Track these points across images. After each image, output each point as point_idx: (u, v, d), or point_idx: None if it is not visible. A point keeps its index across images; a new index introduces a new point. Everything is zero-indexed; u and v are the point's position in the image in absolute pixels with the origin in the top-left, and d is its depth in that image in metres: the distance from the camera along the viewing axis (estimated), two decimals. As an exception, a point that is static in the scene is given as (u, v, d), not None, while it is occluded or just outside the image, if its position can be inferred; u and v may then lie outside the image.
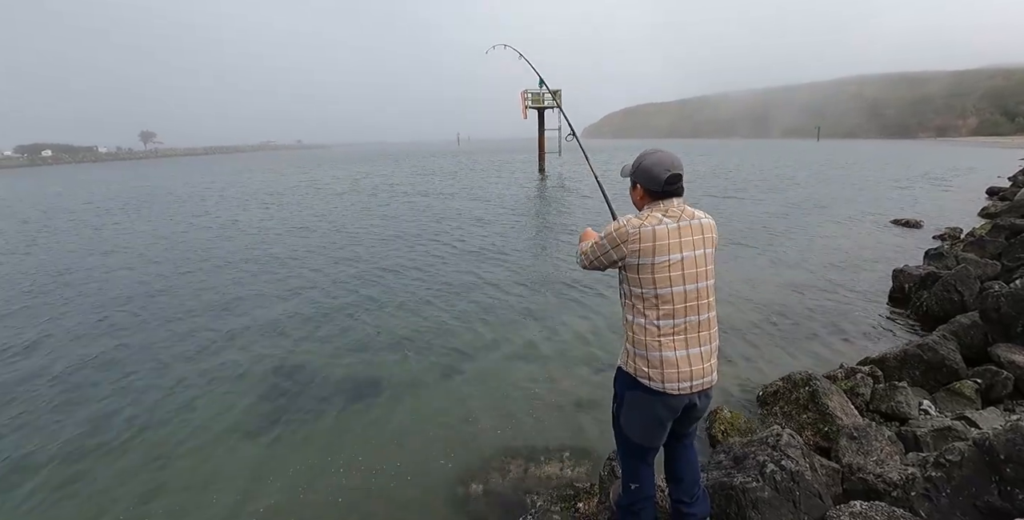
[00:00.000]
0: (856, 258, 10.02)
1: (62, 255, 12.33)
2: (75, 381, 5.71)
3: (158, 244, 13.29)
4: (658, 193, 2.19)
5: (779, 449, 2.90)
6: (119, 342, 6.69)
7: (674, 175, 2.16)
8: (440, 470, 3.98)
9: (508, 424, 4.55)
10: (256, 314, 7.67)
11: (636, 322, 2.20)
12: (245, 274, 9.93)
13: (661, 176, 2.15)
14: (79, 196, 28.53)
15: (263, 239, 13.49)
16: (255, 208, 19.99)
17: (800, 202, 18.27)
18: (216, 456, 4.31)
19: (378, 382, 5.42)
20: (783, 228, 13.46)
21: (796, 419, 4.09)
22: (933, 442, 3.56)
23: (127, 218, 18.50)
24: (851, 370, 4.74)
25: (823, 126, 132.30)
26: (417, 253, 11.34)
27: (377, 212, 17.93)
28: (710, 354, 2.21)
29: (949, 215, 14.86)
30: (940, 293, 6.48)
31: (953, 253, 8.52)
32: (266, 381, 5.55)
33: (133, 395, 5.34)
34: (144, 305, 8.17)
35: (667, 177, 2.15)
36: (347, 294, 8.47)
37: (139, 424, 4.79)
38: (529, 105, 33.66)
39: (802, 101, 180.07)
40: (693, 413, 2.30)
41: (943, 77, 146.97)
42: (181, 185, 33.51)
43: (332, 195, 24.22)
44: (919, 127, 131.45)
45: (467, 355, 6.00)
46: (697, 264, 2.15)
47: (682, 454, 2.49)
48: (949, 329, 5.39)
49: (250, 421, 4.81)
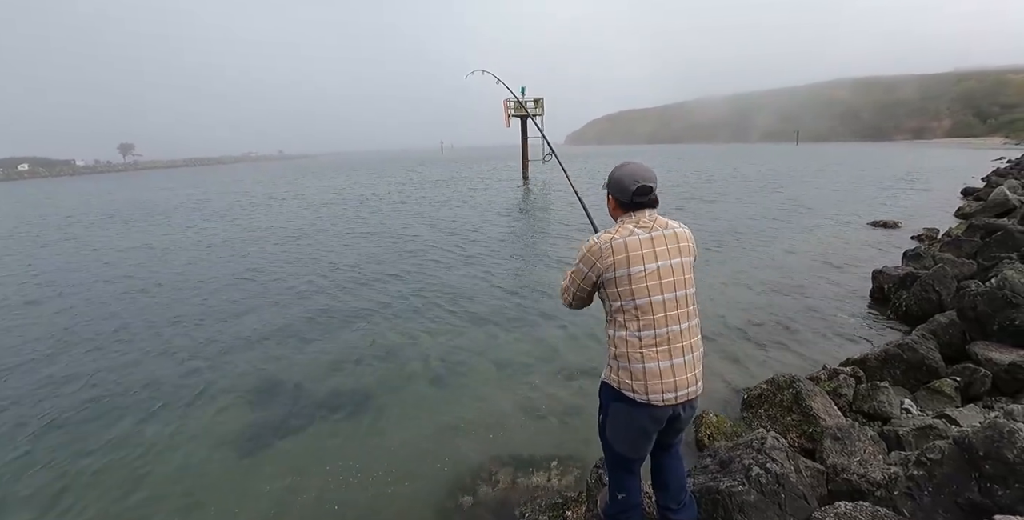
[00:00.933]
0: (836, 260, 10.15)
1: (56, 264, 12.11)
2: (57, 390, 5.64)
3: (147, 255, 13.11)
4: (628, 204, 2.21)
5: (764, 452, 2.92)
6: (100, 354, 6.57)
7: (643, 187, 2.17)
8: (428, 482, 3.95)
9: (495, 434, 4.53)
10: (245, 324, 7.60)
11: (618, 335, 2.20)
12: (235, 284, 9.83)
13: (630, 187, 2.18)
14: (64, 207, 28.08)
15: (244, 250, 13.35)
16: (243, 218, 19.80)
17: (779, 205, 18.51)
18: (200, 470, 4.25)
19: (364, 394, 5.38)
20: (763, 231, 13.63)
21: (781, 421, 4.12)
22: (915, 441, 3.60)
23: (114, 231, 18.24)
24: (834, 371, 4.79)
25: (801, 130, 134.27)
26: (401, 263, 11.30)
27: (362, 222, 17.85)
28: (694, 364, 2.21)
29: (926, 216, 15.13)
30: (919, 293, 6.58)
31: (931, 253, 8.68)
32: (252, 392, 5.49)
33: (116, 408, 5.26)
34: (131, 316, 8.05)
35: (636, 188, 2.17)
36: (333, 305, 8.41)
37: (122, 440, 4.71)
38: (512, 114, 33.76)
39: (780, 106, 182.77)
40: (677, 424, 2.31)
41: (916, 80, 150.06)
42: (171, 197, 33.16)
43: (320, 205, 24.08)
44: (895, 130, 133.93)
45: (453, 365, 5.97)
46: (674, 273, 2.16)
47: (668, 462, 2.49)
48: (928, 328, 5.48)
49: (235, 434, 4.75)
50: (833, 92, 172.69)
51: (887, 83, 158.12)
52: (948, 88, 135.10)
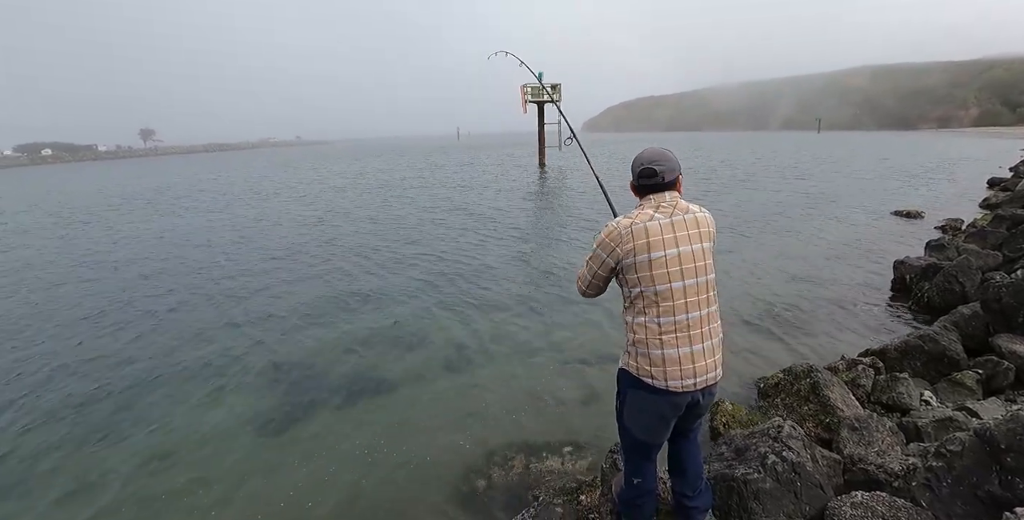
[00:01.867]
0: (857, 249, 10.01)
1: (64, 248, 12.35)
2: (75, 371, 5.79)
3: (178, 235, 13.31)
4: (643, 187, 2.21)
5: (780, 440, 2.91)
6: (124, 334, 6.71)
7: (646, 169, 2.17)
8: (443, 466, 3.99)
9: (510, 419, 4.57)
10: (264, 305, 7.75)
11: (636, 321, 2.18)
12: (262, 266, 10.00)
13: (635, 170, 2.20)
14: (102, 189, 28.53)
15: (269, 232, 13.49)
16: (271, 201, 19.98)
17: (801, 193, 18.23)
18: (223, 449, 4.35)
19: (381, 377, 5.44)
20: (784, 219, 13.45)
21: (797, 411, 4.09)
22: (934, 432, 3.57)
23: (148, 212, 18.51)
24: (852, 361, 4.75)
25: (822, 118, 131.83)
26: (422, 246, 11.40)
27: (386, 206, 17.92)
28: (713, 350, 2.19)
29: (950, 206, 14.83)
30: (941, 284, 6.47)
31: (954, 244, 8.52)
32: (270, 374, 5.59)
33: (133, 389, 5.38)
34: (165, 293, 8.20)
35: (639, 170, 2.18)
36: (357, 287, 8.53)
37: (142, 420, 4.82)
38: (529, 100, 33.53)
39: (801, 93, 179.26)
40: (696, 410, 2.30)
41: (943, 68, 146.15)
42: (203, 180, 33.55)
43: (350, 189, 24.19)
44: (919, 118, 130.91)
45: (469, 350, 6.01)
46: (695, 259, 2.14)
47: (685, 448, 2.49)
48: (950, 320, 5.39)
49: (253, 415, 4.85)
50: (855, 79, 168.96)
51: (911, 70, 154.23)
52: (975, 76, 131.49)
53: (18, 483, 4.07)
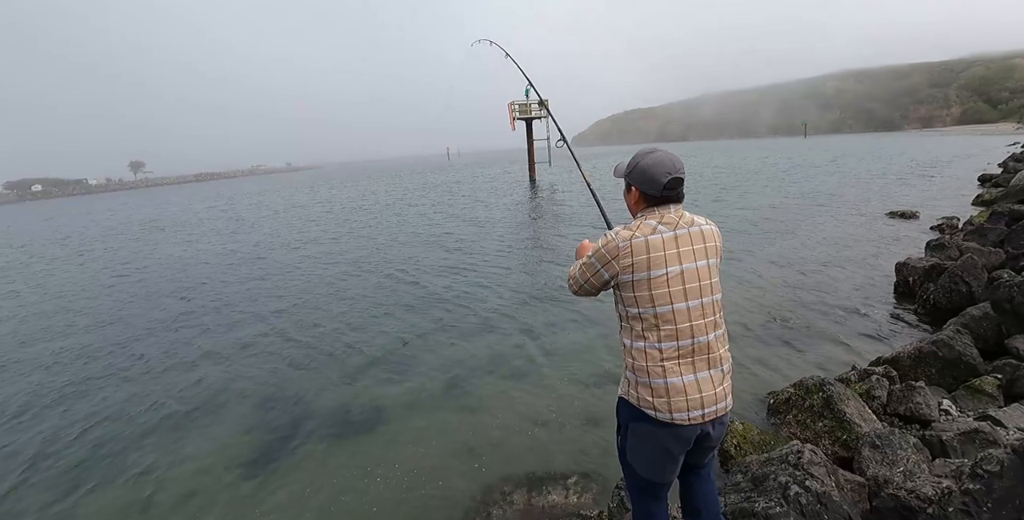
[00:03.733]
0: (855, 253, 9.84)
1: (71, 276, 12.07)
2: (52, 399, 5.66)
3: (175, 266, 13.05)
4: (656, 198, 1.95)
5: (801, 467, 2.68)
6: (107, 366, 6.44)
7: (675, 179, 1.92)
8: (439, 502, 3.74)
9: (510, 449, 4.31)
10: (250, 335, 7.50)
11: (635, 346, 1.95)
12: (245, 289, 9.70)
13: (660, 179, 1.91)
14: (81, 223, 28.25)
15: (250, 258, 13.25)
16: (249, 230, 19.76)
17: (792, 198, 18.15)
18: (211, 479, 4.18)
19: (372, 407, 5.19)
20: (778, 225, 13.30)
21: (811, 428, 3.87)
22: (960, 446, 3.35)
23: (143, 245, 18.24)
24: (864, 371, 4.53)
25: (808, 123, 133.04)
26: (418, 267, 11.22)
27: (370, 226, 17.72)
28: (722, 377, 1.96)
29: (943, 205, 14.74)
30: (947, 285, 6.28)
31: (954, 243, 8.35)
32: (267, 399, 5.44)
33: (116, 421, 5.18)
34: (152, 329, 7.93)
35: (667, 181, 1.91)
36: (353, 309, 8.32)
37: (123, 456, 4.55)
38: (517, 116, 33.61)
39: (785, 100, 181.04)
40: (707, 443, 2.05)
41: (923, 69, 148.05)
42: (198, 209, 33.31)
43: (349, 211, 24.01)
44: (904, 119, 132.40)
45: (464, 375, 5.76)
46: (700, 277, 1.92)
47: (699, 486, 2.24)
48: (961, 322, 5.19)
49: (246, 443, 4.67)
50: (837, 83, 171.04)
51: (892, 72, 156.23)
52: (955, 75, 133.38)
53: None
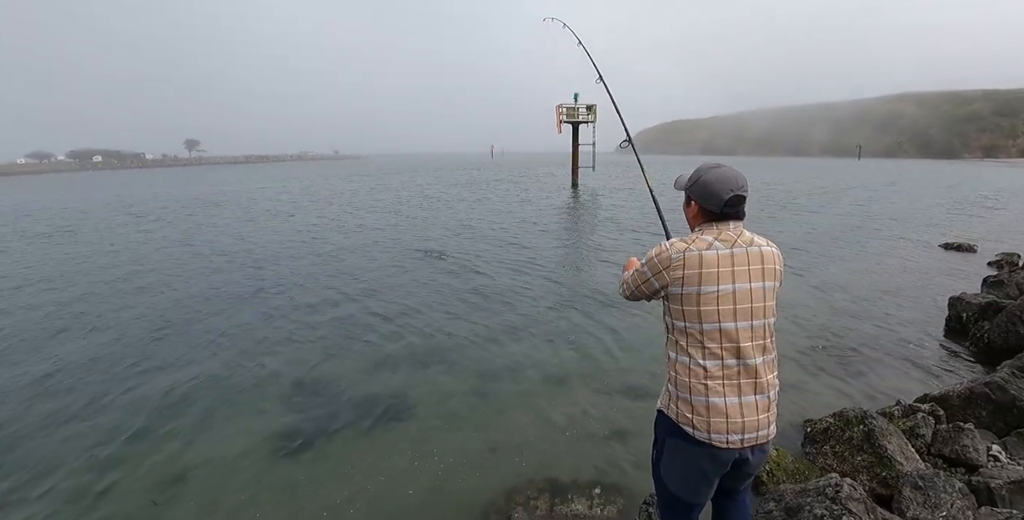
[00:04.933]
0: (905, 284, 9.49)
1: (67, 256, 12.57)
2: (83, 380, 5.76)
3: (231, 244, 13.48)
4: (715, 214, 1.93)
5: (839, 502, 2.61)
6: (143, 344, 6.67)
7: (737, 196, 1.90)
8: (461, 501, 3.75)
9: (536, 454, 4.29)
10: (289, 319, 7.67)
11: (679, 360, 1.93)
12: (286, 277, 9.95)
13: (723, 196, 1.90)
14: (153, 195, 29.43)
15: (287, 245, 13.56)
16: (302, 213, 20.24)
17: (844, 222, 17.60)
18: (236, 467, 4.21)
19: (400, 404, 5.21)
20: (827, 249, 12.91)
21: (849, 461, 3.75)
22: (1009, 496, 3.21)
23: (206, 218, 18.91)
24: (909, 407, 4.36)
25: (863, 145, 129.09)
26: (455, 260, 11.36)
27: (420, 217, 17.94)
28: (768, 404, 1.90)
29: (1004, 239, 14.10)
30: (1004, 325, 6.01)
31: (1014, 281, 7.99)
32: (288, 394, 5.43)
33: (148, 403, 5.27)
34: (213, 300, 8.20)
35: (729, 198, 1.89)
36: (376, 304, 8.38)
37: (155, 435, 4.70)
38: (564, 119, 33.55)
39: (838, 119, 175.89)
40: (745, 468, 2.00)
41: (988, 96, 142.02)
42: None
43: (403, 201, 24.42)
44: (964, 147, 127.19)
45: (495, 376, 5.76)
46: (753, 298, 1.87)
47: (734, 512, 2.19)
48: (1017, 365, 4.95)
49: (273, 431, 4.70)
50: (896, 106, 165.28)
51: (958, 97, 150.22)
52: (1022, 104, 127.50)
53: (25, 485, 3.99)
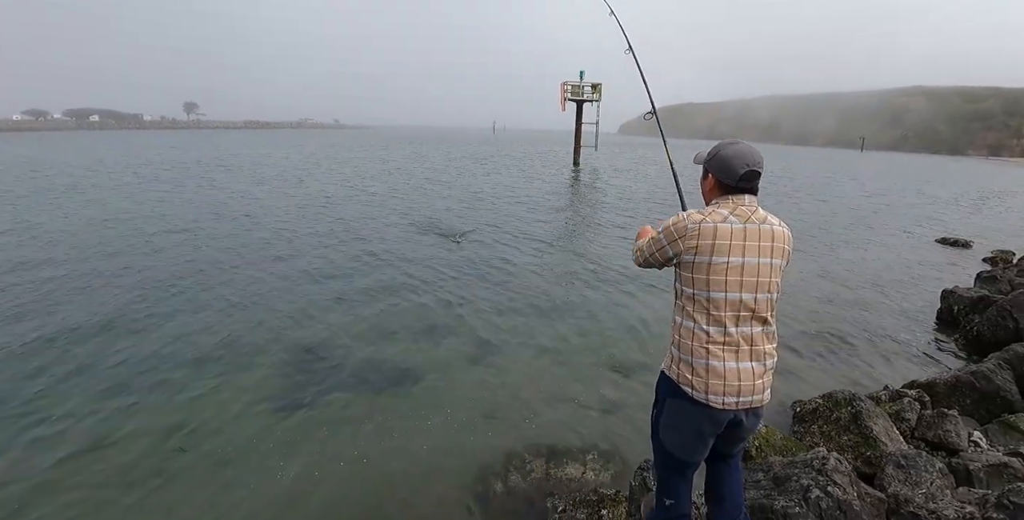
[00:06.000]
0: (900, 276, 9.63)
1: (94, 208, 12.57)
2: (91, 342, 5.77)
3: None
4: (731, 187, 2.02)
5: (825, 474, 2.72)
6: (145, 304, 6.74)
7: (752, 172, 1.98)
8: (460, 462, 3.88)
9: (533, 421, 4.42)
10: (290, 288, 7.72)
11: (684, 325, 2.03)
12: (287, 244, 10.00)
13: (738, 170, 1.98)
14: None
15: (308, 209, 13.57)
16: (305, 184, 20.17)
17: (842, 214, 17.67)
18: (235, 431, 4.27)
19: (401, 369, 5.32)
20: (824, 239, 13.02)
21: (836, 440, 3.88)
22: (987, 478, 3.34)
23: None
24: (897, 393, 4.50)
25: (867, 137, 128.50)
26: (452, 236, 11.39)
27: (426, 188, 17.92)
28: (764, 371, 2.01)
29: (1000, 237, 14.25)
30: (994, 318, 6.14)
31: (1007, 277, 8.12)
32: (291, 358, 5.51)
33: (151, 363, 5.33)
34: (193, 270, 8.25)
35: (745, 172, 1.98)
36: (381, 274, 8.46)
37: (157, 392, 4.79)
38: (568, 97, 33.24)
39: (845, 110, 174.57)
40: (739, 431, 2.12)
41: (998, 93, 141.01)
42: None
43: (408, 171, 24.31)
44: (969, 144, 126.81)
45: (495, 346, 5.88)
46: (760, 273, 1.97)
47: (726, 474, 2.31)
48: (1004, 357, 5.09)
49: (271, 399, 4.76)
50: (905, 100, 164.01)
51: (967, 93, 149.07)
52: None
53: (31, 439, 4.08)
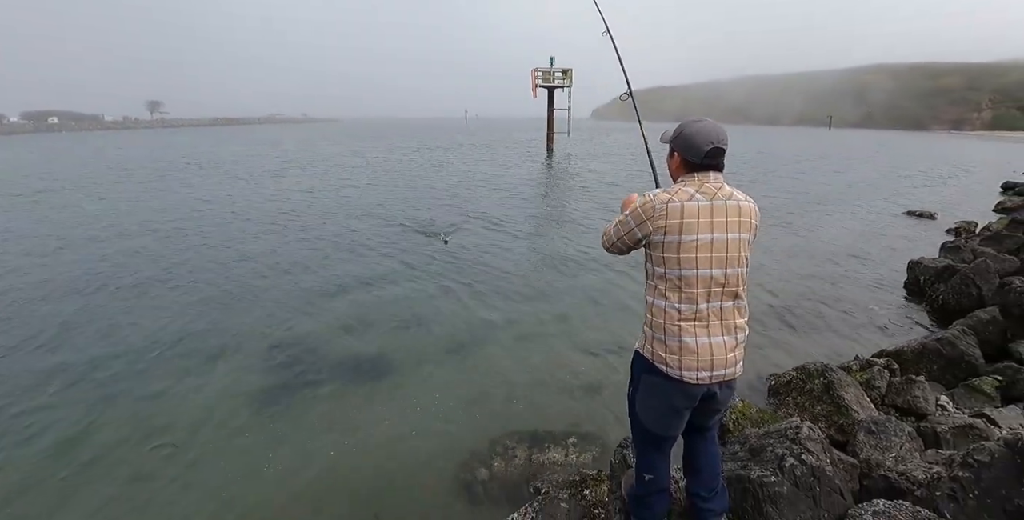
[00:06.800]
0: (870, 248, 9.85)
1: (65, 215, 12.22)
2: (67, 343, 5.67)
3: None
4: (696, 165, 2.03)
5: (799, 442, 2.78)
6: (135, 297, 6.60)
7: (716, 148, 1.99)
8: (443, 451, 3.89)
9: (513, 407, 4.46)
10: (266, 281, 7.63)
11: (656, 304, 2.06)
12: (260, 239, 9.83)
13: (703, 147, 1.99)
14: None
15: (282, 207, 13.36)
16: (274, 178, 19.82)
17: (811, 190, 18.00)
18: (215, 425, 4.24)
19: (383, 360, 5.32)
20: (794, 216, 13.26)
21: (810, 411, 3.98)
22: (954, 440, 3.45)
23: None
24: (867, 362, 4.62)
25: (835, 115, 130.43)
26: (429, 224, 11.33)
27: (399, 180, 17.74)
28: (735, 345, 2.05)
29: (963, 208, 14.63)
30: (958, 287, 6.33)
31: (969, 247, 8.36)
32: (269, 353, 5.46)
33: (129, 363, 5.25)
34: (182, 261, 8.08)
35: (709, 150, 1.99)
36: (352, 267, 8.38)
37: (135, 390, 4.71)
38: (539, 84, 33.11)
39: (813, 89, 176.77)
40: (712, 404, 2.16)
41: (961, 69, 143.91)
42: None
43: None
44: (932, 120, 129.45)
45: (474, 334, 5.89)
46: (728, 248, 1.99)
47: (702, 447, 2.36)
48: (967, 323, 5.26)
49: (253, 389, 4.75)
50: (871, 78, 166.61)
51: (930, 70, 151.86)
52: (995, 79, 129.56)
53: (7, 434, 4.02)
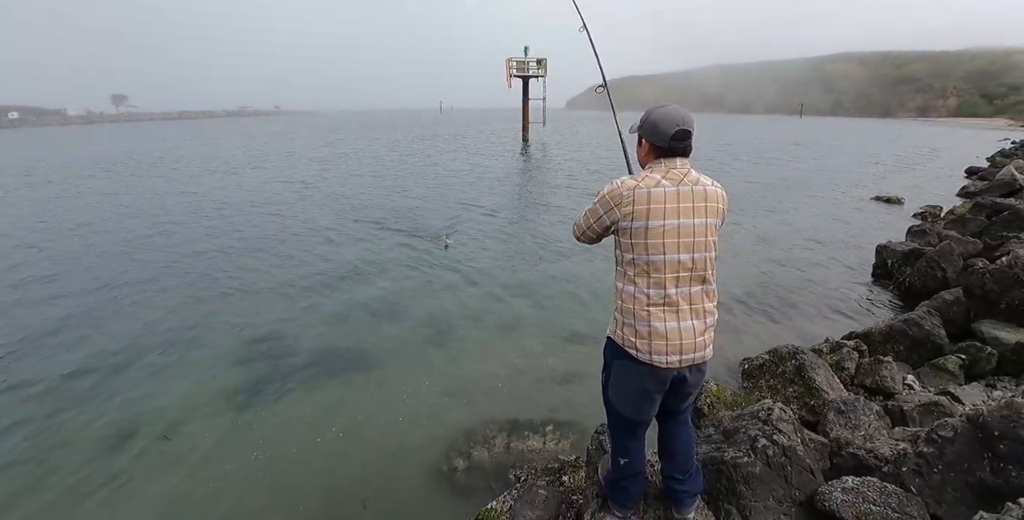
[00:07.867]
0: (838, 234, 10.05)
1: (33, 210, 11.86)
2: (41, 344, 5.53)
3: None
4: (664, 150, 2.03)
5: (771, 423, 2.84)
6: (89, 303, 6.44)
7: (682, 130, 1.99)
8: (422, 443, 3.89)
9: (491, 397, 4.47)
10: (239, 279, 7.48)
11: (625, 290, 2.07)
12: (236, 235, 9.64)
13: (668, 131, 1.99)
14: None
15: (256, 199, 13.11)
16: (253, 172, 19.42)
17: (782, 178, 18.27)
18: (193, 421, 4.19)
19: (359, 352, 5.29)
20: (765, 203, 13.46)
21: (782, 393, 4.06)
22: (920, 417, 3.56)
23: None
24: (837, 344, 4.72)
25: (805, 103, 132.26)
26: (401, 216, 11.16)
27: (377, 171, 17.53)
28: (704, 329, 2.07)
29: (929, 193, 14.98)
30: (924, 269, 6.49)
31: (935, 231, 8.56)
32: (245, 348, 5.40)
33: (104, 360, 5.15)
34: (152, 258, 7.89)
35: (675, 132, 1.99)
36: (329, 259, 8.28)
37: (109, 390, 4.63)
38: (514, 73, 32.91)
39: (784, 78, 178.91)
40: (684, 388, 2.18)
41: (927, 57, 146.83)
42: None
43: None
44: (899, 107, 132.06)
45: (449, 325, 5.88)
46: (696, 233, 2.00)
47: (676, 430, 2.38)
48: (933, 305, 5.40)
49: (231, 384, 4.71)
50: (839, 66, 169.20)
51: (896, 58, 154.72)
52: (959, 67, 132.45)
53: None
